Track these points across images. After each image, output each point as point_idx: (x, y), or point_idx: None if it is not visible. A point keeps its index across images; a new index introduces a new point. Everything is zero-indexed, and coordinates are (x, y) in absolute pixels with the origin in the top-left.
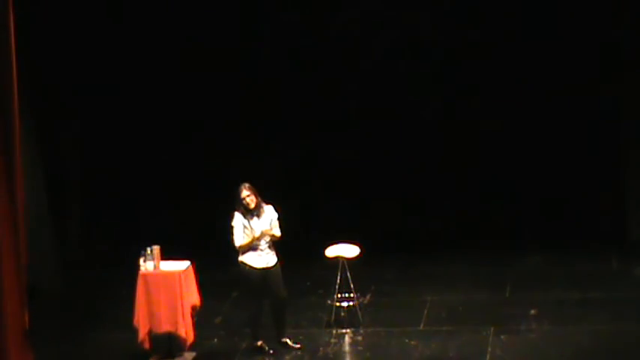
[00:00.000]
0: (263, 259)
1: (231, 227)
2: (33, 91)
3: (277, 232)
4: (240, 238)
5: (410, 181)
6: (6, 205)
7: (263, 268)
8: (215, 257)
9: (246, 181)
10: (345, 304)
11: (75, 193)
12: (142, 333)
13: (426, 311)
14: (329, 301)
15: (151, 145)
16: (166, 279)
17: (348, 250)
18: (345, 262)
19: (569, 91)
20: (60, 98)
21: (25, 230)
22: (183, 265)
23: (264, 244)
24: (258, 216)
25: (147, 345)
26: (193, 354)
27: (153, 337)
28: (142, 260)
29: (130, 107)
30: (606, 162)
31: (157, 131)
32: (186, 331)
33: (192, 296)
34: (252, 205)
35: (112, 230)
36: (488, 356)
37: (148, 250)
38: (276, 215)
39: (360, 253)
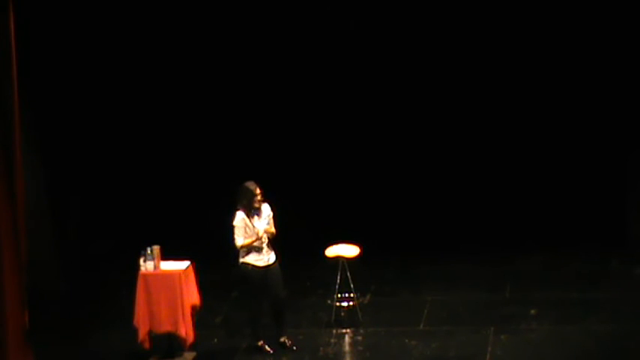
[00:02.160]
0: (264, 257)
1: (233, 227)
2: (33, 90)
3: (273, 230)
4: (241, 238)
5: (410, 180)
6: (6, 205)
7: (264, 267)
8: (215, 257)
9: (249, 180)
10: (345, 304)
11: (75, 193)
12: (142, 333)
13: (426, 311)
14: (329, 301)
15: (151, 144)
16: (166, 279)
17: (348, 250)
18: (345, 262)
19: (570, 92)
20: (60, 98)
21: (25, 230)
22: (183, 265)
23: (264, 242)
24: (259, 215)
25: (147, 345)
26: (193, 354)
27: (153, 337)
28: (142, 260)
29: (131, 107)
30: (606, 162)
31: (157, 131)
32: (186, 331)
33: (192, 296)
34: (259, 204)
35: (112, 230)
36: (488, 356)
37: (148, 250)
38: (271, 213)
39: (360, 253)
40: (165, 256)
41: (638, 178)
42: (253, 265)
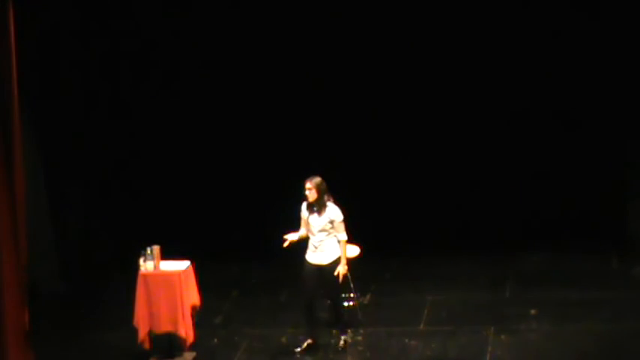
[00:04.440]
0: (317, 256)
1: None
2: (33, 90)
3: (341, 237)
4: (302, 229)
5: (410, 180)
6: (6, 204)
7: (316, 265)
8: (215, 257)
9: (316, 176)
10: (345, 304)
11: (75, 193)
12: (142, 333)
13: (426, 311)
14: (329, 301)
15: (151, 144)
16: (166, 279)
17: (348, 250)
18: None
19: (570, 91)
20: (60, 97)
21: (25, 230)
22: (183, 265)
23: (318, 241)
24: (319, 213)
25: (147, 345)
26: (193, 354)
27: (153, 337)
28: (142, 260)
29: (130, 106)
30: (606, 162)
31: (157, 131)
32: (186, 331)
33: (192, 296)
34: (311, 199)
35: (112, 230)
36: (488, 356)
37: (148, 250)
38: (339, 217)
39: (360, 253)
40: (165, 256)
41: (637, 178)
42: (307, 261)
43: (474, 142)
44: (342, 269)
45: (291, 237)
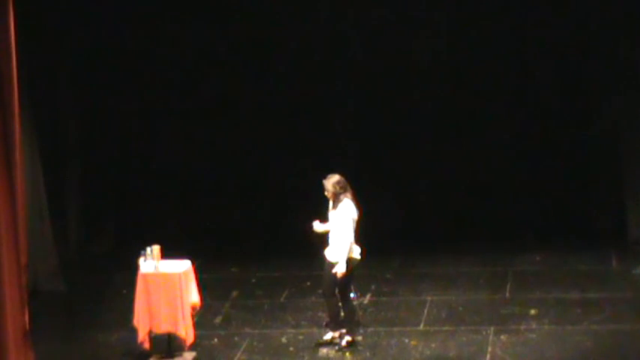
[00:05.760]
0: (328, 251)
1: None
2: (33, 89)
3: (342, 236)
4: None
5: (409, 180)
6: (6, 205)
7: (328, 261)
8: (215, 257)
9: (335, 174)
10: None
11: (75, 193)
12: (142, 333)
13: (426, 311)
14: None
15: (152, 144)
16: (166, 279)
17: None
18: None
19: (569, 91)
20: (61, 98)
21: (25, 230)
22: (184, 265)
23: (332, 237)
24: (335, 209)
25: (147, 345)
26: (193, 354)
27: (153, 337)
28: (142, 260)
29: (130, 106)
30: (606, 162)
31: (157, 130)
32: (186, 331)
33: (192, 296)
34: (329, 197)
35: (112, 230)
36: (488, 356)
37: (148, 250)
38: (343, 215)
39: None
40: (165, 256)
41: (637, 178)
42: (324, 255)
43: (474, 143)
44: (337, 269)
45: (317, 224)
